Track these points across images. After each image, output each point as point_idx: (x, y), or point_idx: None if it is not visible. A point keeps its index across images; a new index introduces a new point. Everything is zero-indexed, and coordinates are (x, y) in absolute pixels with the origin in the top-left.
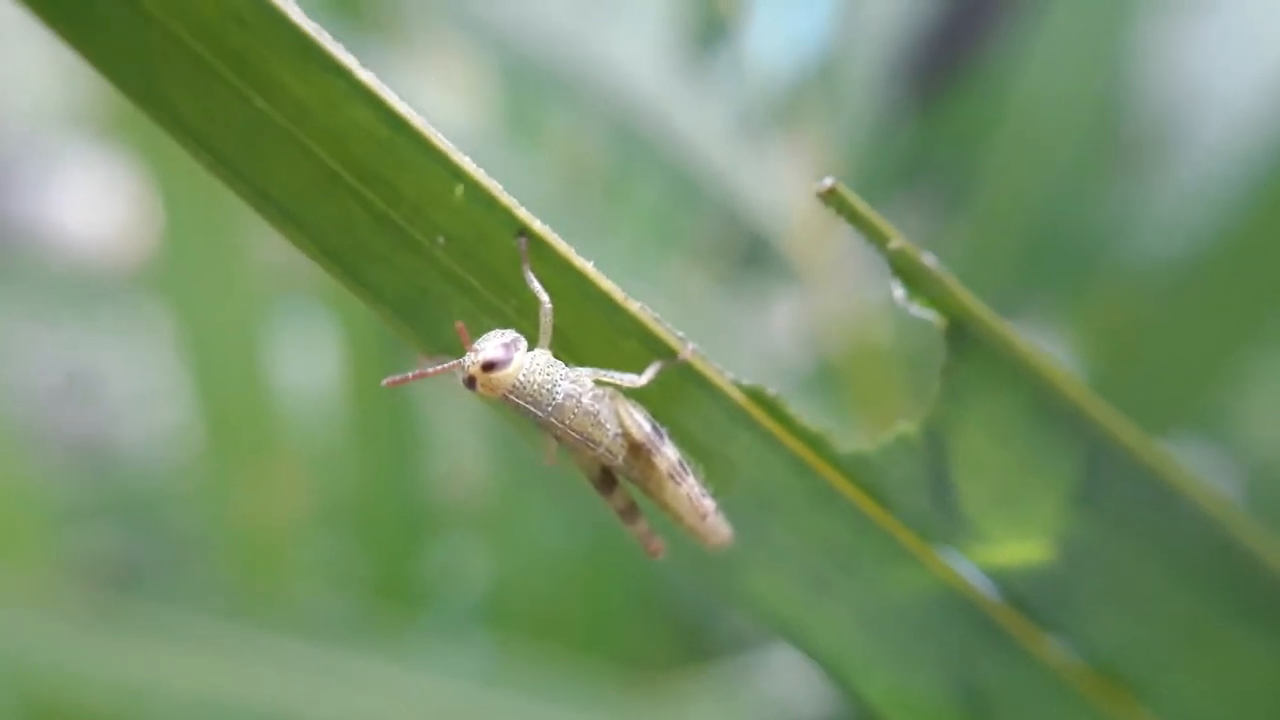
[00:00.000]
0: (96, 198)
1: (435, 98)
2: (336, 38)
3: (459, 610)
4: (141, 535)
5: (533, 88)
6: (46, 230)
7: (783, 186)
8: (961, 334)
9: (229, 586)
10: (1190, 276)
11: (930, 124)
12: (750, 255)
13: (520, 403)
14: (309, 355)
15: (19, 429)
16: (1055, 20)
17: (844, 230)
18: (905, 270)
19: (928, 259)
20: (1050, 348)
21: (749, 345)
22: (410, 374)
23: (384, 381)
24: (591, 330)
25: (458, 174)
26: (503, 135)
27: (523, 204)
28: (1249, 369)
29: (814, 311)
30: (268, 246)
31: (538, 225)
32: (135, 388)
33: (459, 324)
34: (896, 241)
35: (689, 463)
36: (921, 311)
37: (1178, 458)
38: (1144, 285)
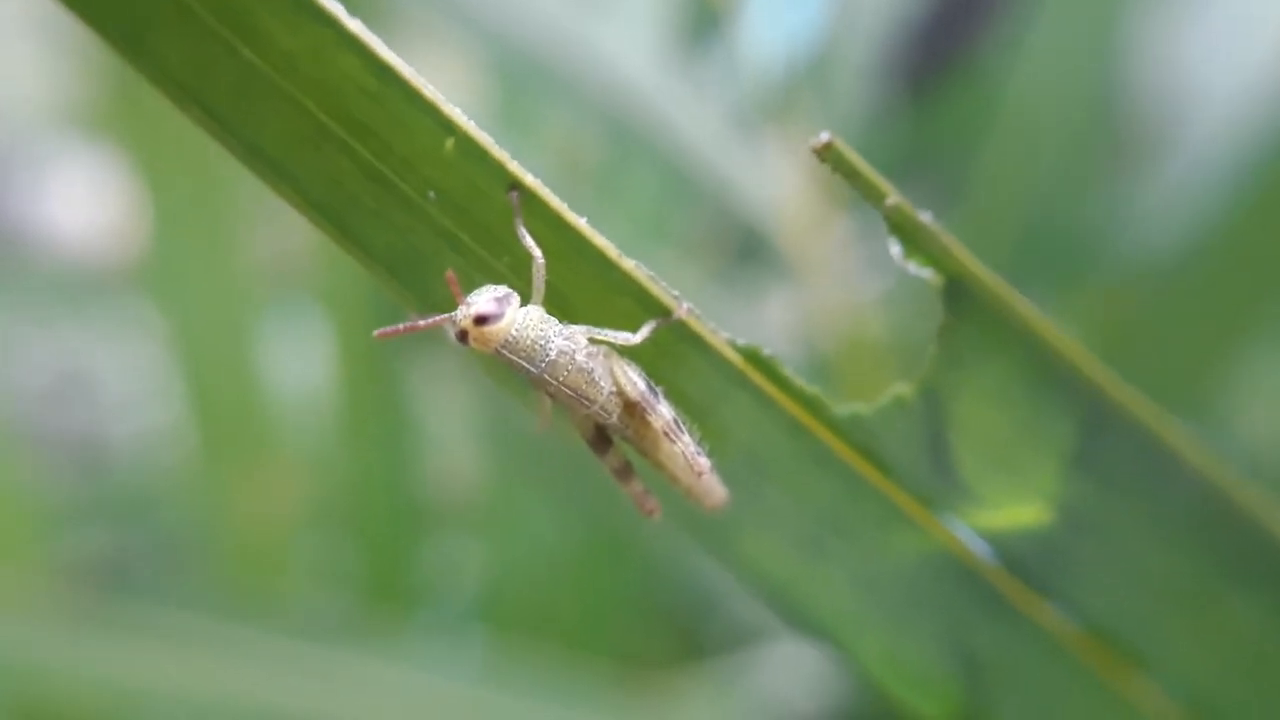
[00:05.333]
0: (89, 197)
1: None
2: None
3: (454, 608)
4: (133, 535)
5: (526, 82)
6: (38, 230)
7: (776, 180)
8: (959, 293)
9: (222, 586)
10: (1184, 270)
11: (924, 119)
12: (744, 249)
13: (513, 358)
14: (301, 353)
15: (10, 429)
16: (1048, 15)
17: (837, 224)
18: (902, 227)
19: (925, 216)
20: None
21: (742, 339)
22: (401, 325)
23: (375, 333)
24: (585, 287)
25: (448, 126)
26: (496, 130)
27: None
28: (1243, 363)
29: (807, 306)
30: (260, 244)
31: (530, 180)
32: (127, 387)
33: (449, 273)
34: (893, 198)
35: (684, 421)
36: (919, 270)
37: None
38: (1138, 279)
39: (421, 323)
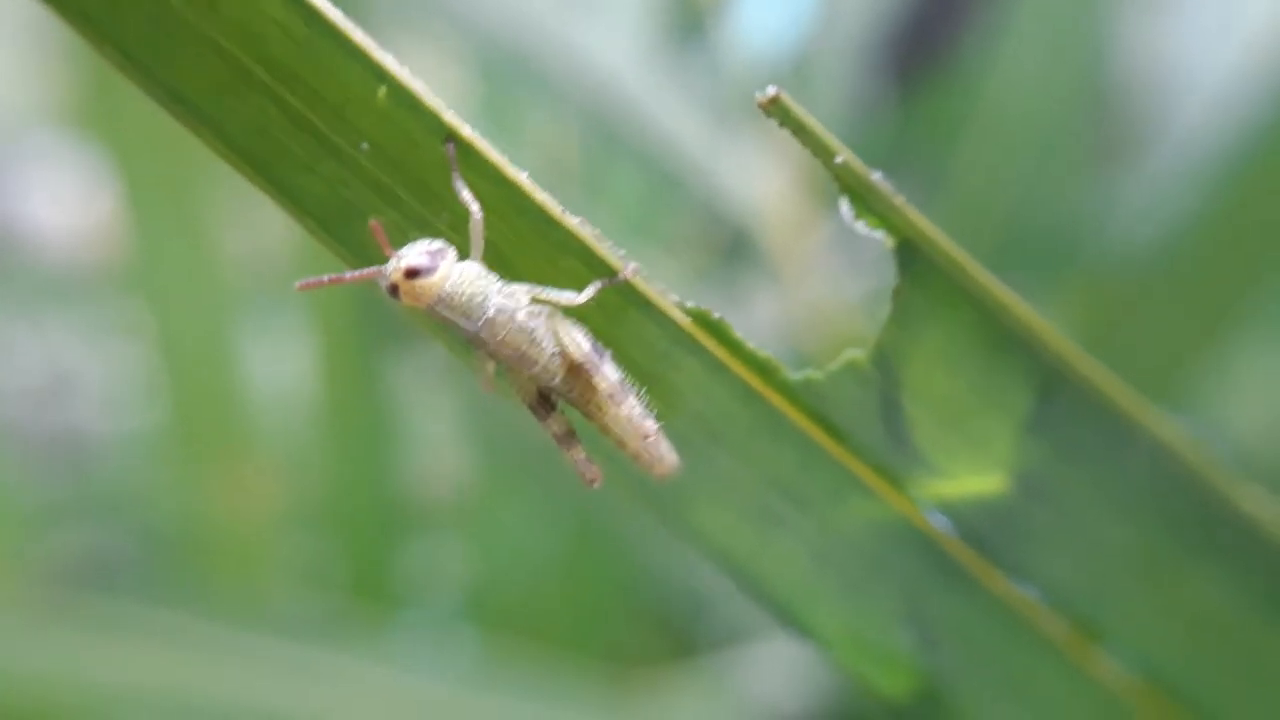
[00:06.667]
0: (72, 197)
1: None
2: None
3: (441, 608)
4: (115, 533)
5: (510, 79)
6: (22, 229)
7: (761, 179)
8: (911, 255)
9: (204, 584)
10: (1167, 262)
11: (907, 114)
12: (729, 250)
13: (448, 315)
14: (283, 352)
15: None
16: (1030, 9)
17: (822, 224)
18: (852, 186)
19: (876, 176)
20: None
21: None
22: (326, 277)
23: (297, 285)
24: (527, 246)
25: (380, 74)
26: (479, 128)
27: None
28: (1227, 354)
29: (792, 306)
30: (239, 242)
31: (467, 131)
32: (110, 386)
33: (373, 222)
34: (842, 155)
35: (631, 384)
36: (869, 231)
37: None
38: (1121, 272)
39: (348, 275)
